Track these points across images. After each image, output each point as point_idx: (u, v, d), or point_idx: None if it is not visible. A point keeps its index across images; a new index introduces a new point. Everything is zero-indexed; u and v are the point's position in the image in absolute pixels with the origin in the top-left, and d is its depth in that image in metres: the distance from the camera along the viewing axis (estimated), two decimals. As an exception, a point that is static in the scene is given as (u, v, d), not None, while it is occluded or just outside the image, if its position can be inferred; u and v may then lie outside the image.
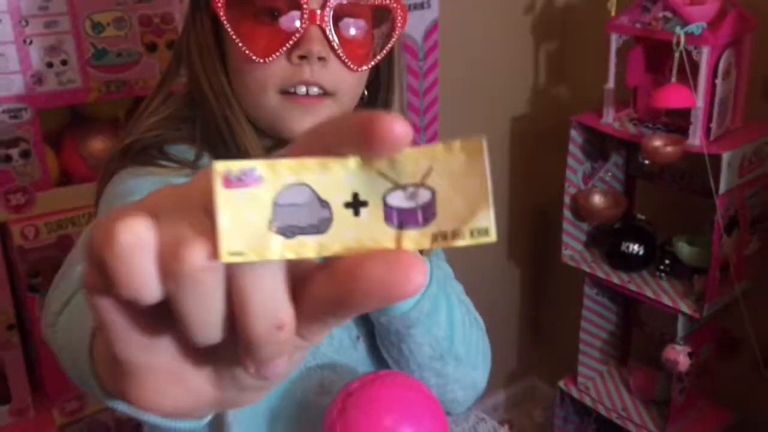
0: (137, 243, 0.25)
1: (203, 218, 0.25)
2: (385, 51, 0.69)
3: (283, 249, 0.24)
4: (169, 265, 0.25)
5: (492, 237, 0.25)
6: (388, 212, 0.25)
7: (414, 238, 0.26)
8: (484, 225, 0.26)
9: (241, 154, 0.69)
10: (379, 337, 0.74)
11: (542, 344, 2.17)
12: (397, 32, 0.68)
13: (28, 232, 1.07)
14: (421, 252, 0.65)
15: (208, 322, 0.26)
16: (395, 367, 0.73)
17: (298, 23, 0.64)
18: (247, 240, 0.24)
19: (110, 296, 0.26)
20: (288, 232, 0.24)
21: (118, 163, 0.71)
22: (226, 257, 0.24)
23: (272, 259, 0.24)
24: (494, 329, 2.29)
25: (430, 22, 1.47)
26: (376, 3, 0.67)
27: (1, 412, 1.18)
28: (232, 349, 0.27)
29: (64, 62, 1.04)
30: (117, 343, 0.27)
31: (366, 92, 0.72)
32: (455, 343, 0.73)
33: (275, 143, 0.71)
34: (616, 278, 1.60)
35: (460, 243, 0.25)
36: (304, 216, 0.24)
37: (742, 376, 1.66)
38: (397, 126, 0.25)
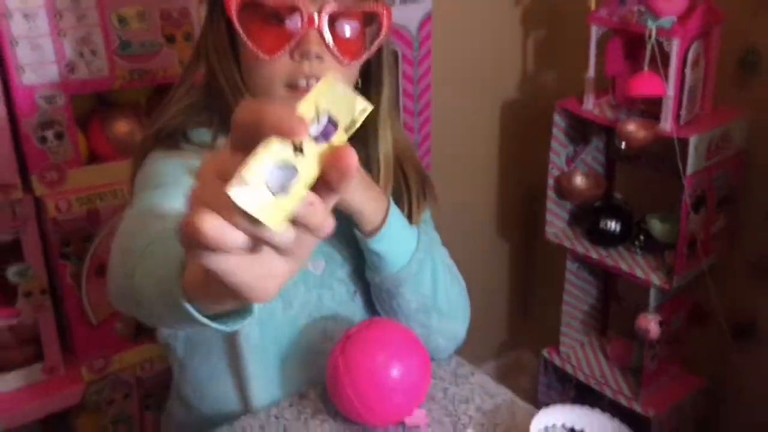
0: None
1: None
2: (373, 49, 0.80)
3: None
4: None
5: (369, 106, 0.41)
6: (317, 140, 0.40)
7: (338, 138, 0.40)
8: (362, 106, 0.41)
9: None
10: (373, 294, 0.86)
11: (529, 317, 2.30)
12: (383, 33, 0.80)
13: (61, 206, 1.18)
14: (410, 221, 0.77)
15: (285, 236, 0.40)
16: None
17: (299, 26, 0.76)
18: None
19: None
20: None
21: (149, 145, 0.83)
22: None
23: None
24: (485, 303, 2.44)
25: (424, 15, 1.58)
26: (365, 9, 0.78)
27: (35, 369, 1.30)
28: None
29: (93, 52, 1.15)
30: (233, 276, 0.40)
31: (360, 82, 0.84)
32: (438, 300, 0.86)
33: None
34: (594, 253, 1.73)
35: (359, 121, 0.41)
36: (286, 174, 0.38)
37: (711, 345, 1.79)
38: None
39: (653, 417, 1.69)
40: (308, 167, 0.39)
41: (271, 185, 0.38)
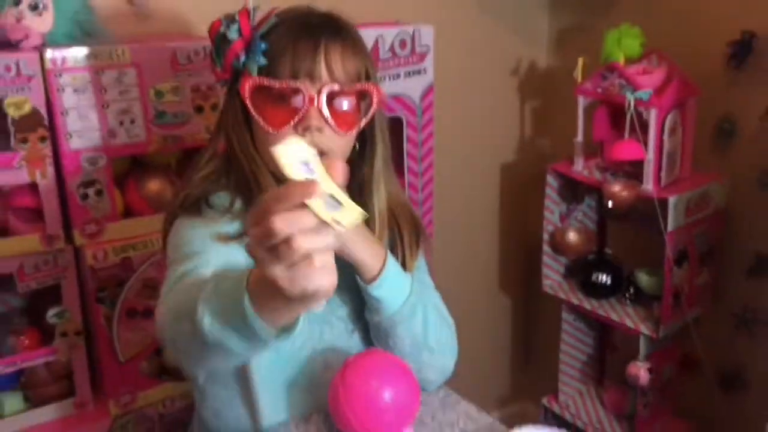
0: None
1: None
2: (365, 121, 0.96)
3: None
4: None
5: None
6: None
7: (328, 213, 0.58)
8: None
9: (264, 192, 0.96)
10: (372, 332, 0.99)
11: (530, 367, 2.39)
12: (373, 107, 0.95)
13: (98, 255, 1.33)
14: (404, 267, 0.91)
15: None
16: None
17: (301, 105, 0.90)
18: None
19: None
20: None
21: (177, 212, 0.97)
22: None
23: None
24: (488, 355, 2.56)
25: (427, 85, 1.75)
26: (357, 89, 0.93)
27: (67, 404, 1.42)
28: None
29: (132, 121, 1.32)
30: (306, 281, 0.57)
31: (357, 146, 0.98)
32: (429, 339, 0.98)
33: None
34: (588, 305, 1.84)
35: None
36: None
37: (701, 393, 1.88)
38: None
39: (647, 463, 1.77)
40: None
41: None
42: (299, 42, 0.91)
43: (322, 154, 0.91)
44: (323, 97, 0.90)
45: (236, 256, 0.86)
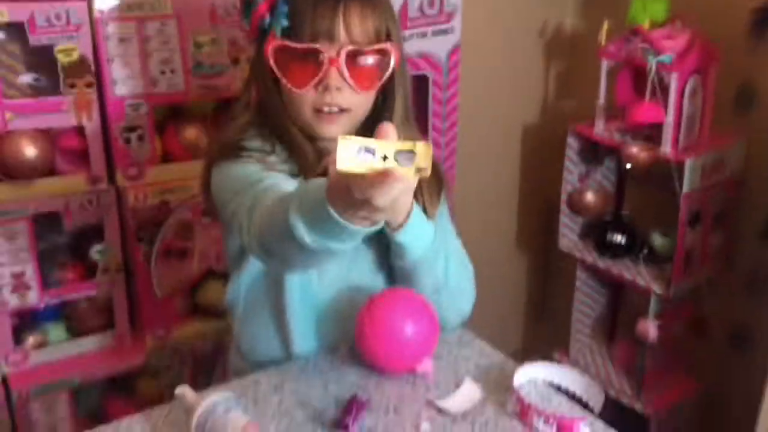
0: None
1: None
2: (383, 79, 1.00)
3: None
4: None
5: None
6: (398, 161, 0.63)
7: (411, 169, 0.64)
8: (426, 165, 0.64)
9: (294, 143, 1.02)
10: (396, 275, 1.06)
11: (543, 322, 2.47)
12: (392, 65, 0.99)
13: (139, 196, 1.41)
14: (426, 214, 0.98)
15: None
16: None
17: (321, 65, 0.95)
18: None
19: None
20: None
21: (215, 157, 1.04)
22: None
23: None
24: (502, 309, 2.61)
25: (453, 44, 1.79)
26: (376, 48, 0.98)
27: (106, 335, 1.53)
28: None
29: (172, 71, 1.39)
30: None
31: (379, 102, 1.03)
32: (449, 282, 1.04)
33: (312, 140, 1.03)
34: (602, 264, 1.89)
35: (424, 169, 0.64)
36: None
37: (710, 352, 1.94)
38: None
39: (653, 415, 1.84)
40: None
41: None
42: (319, 3, 0.96)
43: (342, 110, 1.00)
44: (342, 58, 0.95)
45: (292, 183, 0.95)
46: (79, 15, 1.30)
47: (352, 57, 0.97)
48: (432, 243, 1.01)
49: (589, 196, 1.94)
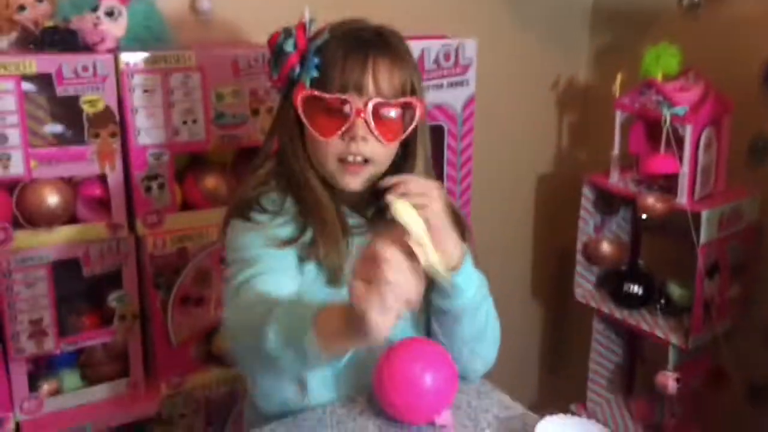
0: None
1: None
2: (408, 132, 1.03)
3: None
4: None
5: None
6: None
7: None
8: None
9: (312, 195, 1.04)
10: (436, 320, 1.04)
11: (559, 374, 2.43)
12: (416, 119, 1.03)
13: (157, 243, 1.43)
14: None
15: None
16: (444, 343, 1.04)
17: (349, 116, 0.98)
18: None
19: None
20: None
21: (232, 213, 1.06)
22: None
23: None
24: (518, 361, 2.59)
25: (468, 96, 1.82)
26: (401, 101, 1.01)
27: (121, 383, 1.51)
28: None
29: (194, 121, 1.42)
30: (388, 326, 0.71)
31: (399, 154, 1.05)
32: (488, 329, 1.05)
33: (332, 190, 1.06)
34: (619, 314, 1.88)
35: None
36: None
37: (729, 407, 1.90)
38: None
39: (672, 472, 1.80)
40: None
41: None
42: (349, 57, 0.99)
43: (366, 161, 1.02)
44: (369, 109, 0.98)
45: (289, 260, 0.97)
46: (105, 67, 1.33)
47: (379, 109, 0.99)
48: (480, 287, 1.02)
49: (605, 246, 1.94)
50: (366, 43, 1.01)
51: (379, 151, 1.01)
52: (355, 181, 1.03)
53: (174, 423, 1.54)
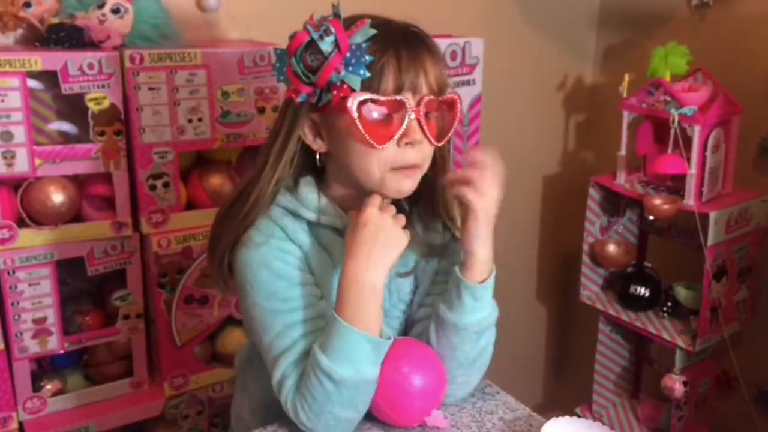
0: None
1: None
2: (454, 129, 0.94)
3: None
4: None
5: None
6: None
7: None
8: None
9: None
10: (440, 338, 0.97)
11: (564, 377, 2.42)
12: (459, 116, 0.95)
13: (162, 243, 1.42)
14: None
15: None
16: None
17: (404, 118, 0.88)
18: None
19: None
20: None
21: (241, 242, 0.95)
22: None
23: None
24: (523, 363, 2.58)
25: (475, 95, 1.81)
26: (446, 98, 0.93)
27: (124, 383, 1.51)
28: None
29: (199, 119, 1.41)
30: None
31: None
32: (482, 357, 0.99)
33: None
34: (625, 316, 1.87)
35: None
36: None
37: (737, 410, 1.89)
38: None
39: (679, 476, 1.78)
40: None
41: None
42: (401, 54, 0.89)
43: (416, 167, 0.93)
44: (422, 110, 0.90)
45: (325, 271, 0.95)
46: (111, 64, 1.33)
47: (430, 109, 0.91)
48: (490, 312, 0.98)
49: (611, 248, 1.93)
50: (412, 39, 0.91)
51: (428, 152, 0.93)
52: (409, 184, 0.93)
53: (178, 423, 1.53)
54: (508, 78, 2.02)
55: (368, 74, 0.87)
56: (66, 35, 1.33)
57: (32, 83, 1.31)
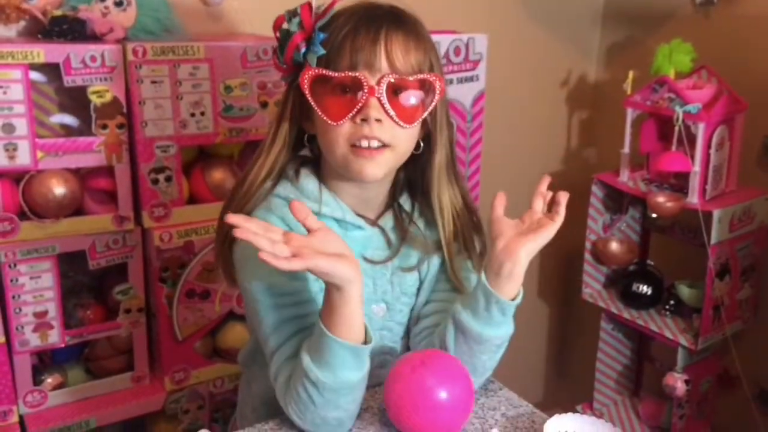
0: None
1: None
2: (426, 112, 0.92)
3: None
4: None
5: None
6: None
7: None
8: None
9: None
10: (460, 344, 0.95)
11: (565, 374, 2.42)
12: (437, 97, 0.92)
13: (164, 237, 1.41)
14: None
15: None
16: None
17: (360, 96, 0.88)
18: None
19: None
20: None
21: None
22: None
23: None
24: (524, 361, 2.58)
25: (478, 92, 1.80)
26: (419, 78, 0.90)
27: (125, 377, 1.51)
28: None
29: (202, 113, 1.40)
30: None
31: (421, 142, 0.97)
32: (490, 370, 0.99)
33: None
34: (627, 314, 1.86)
35: None
36: None
37: (739, 409, 1.88)
38: None
39: (680, 475, 1.78)
40: None
41: None
42: (359, 32, 0.89)
43: (384, 146, 0.91)
44: (383, 88, 0.88)
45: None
46: (113, 57, 1.32)
47: (394, 88, 0.90)
48: (509, 328, 0.97)
49: (614, 246, 1.92)
50: (377, 17, 0.91)
51: (398, 133, 0.91)
52: (370, 167, 0.91)
53: (178, 418, 1.53)
54: (512, 74, 2.01)
55: (322, 51, 0.90)
56: (69, 28, 1.32)
57: (35, 75, 1.31)
